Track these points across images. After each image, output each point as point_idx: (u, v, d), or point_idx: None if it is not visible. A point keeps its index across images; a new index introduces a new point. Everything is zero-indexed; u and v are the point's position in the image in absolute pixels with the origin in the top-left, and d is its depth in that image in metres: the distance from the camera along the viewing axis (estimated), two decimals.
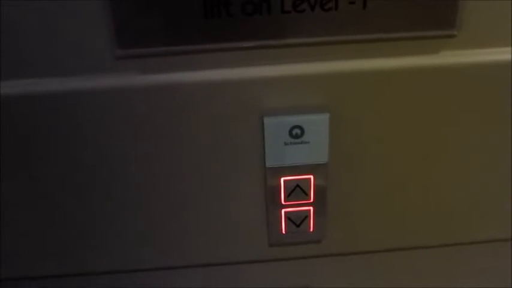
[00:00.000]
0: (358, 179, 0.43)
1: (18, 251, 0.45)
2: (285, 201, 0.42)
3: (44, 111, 0.38)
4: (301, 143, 0.40)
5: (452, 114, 0.41)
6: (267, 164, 0.41)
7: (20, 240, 0.44)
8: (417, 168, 0.43)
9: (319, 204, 0.43)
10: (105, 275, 0.47)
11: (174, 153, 0.40)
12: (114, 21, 0.35)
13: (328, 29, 0.36)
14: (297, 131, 0.39)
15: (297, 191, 0.42)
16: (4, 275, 0.46)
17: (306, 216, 0.43)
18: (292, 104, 0.39)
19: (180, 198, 0.43)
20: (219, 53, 0.37)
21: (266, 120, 0.39)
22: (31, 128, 0.39)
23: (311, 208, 0.43)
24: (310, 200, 0.43)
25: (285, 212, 0.43)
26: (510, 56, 0.39)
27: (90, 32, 0.36)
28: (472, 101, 0.40)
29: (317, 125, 0.39)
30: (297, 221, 0.44)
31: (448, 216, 0.46)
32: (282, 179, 0.41)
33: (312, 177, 0.41)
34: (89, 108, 0.38)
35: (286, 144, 0.40)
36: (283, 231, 0.44)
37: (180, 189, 0.42)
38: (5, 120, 0.38)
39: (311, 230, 0.44)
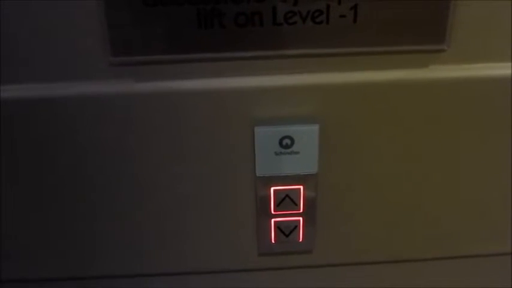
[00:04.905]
0: (348, 190, 0.43)
1: (19, 253, 0.45)
2: (274, 210, 0.43)
3: (37, 116, 0.38)
4: (291, 153, 0.40)
5: (442, 127, 0.41)
6: (258, 174, 0.41)
7: (20, 243, 0.44)
8: (408, 179, 0.43)
9: (309, 214, 0.43)
10: (93, 280, 0.48)
11: (165, 161, 0.41)
12: (109, 29, 0.35)
13: (319, 41, 0.37)
14: (287, 141, 0.40)
15: (286, 201, 0.42)
16: (5, 277, 0.46)
17: (295, 226, 0.44)
18: (283, 114, 0.39)
19: (170, 206, 0.43)
20: (212, 63, 0.38)
21: (257, 130, 0.39)
22: (23, 132, 0.39)
23: (300, 218, 0.43)
24: (299, 210, 0.43)
25: (275, 222, 0.43)
26: (499, 72, 0.39)
27: (84, 39, 0.36)
28: (462, 114, 0.41)
29: (307, 135, 0.40)
30: (286, 231, 0.44)
31: (440, 230, 0.46)
32: (272, 189, 0.42)
33: (301, 187, 0.42)
34: (82, 114, 0.39)
35: (276, 154, 0.40)
36: (273, 241, 0.44)
37: (170, 197, 0.43)
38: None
39: (300, 240, 0.44)
